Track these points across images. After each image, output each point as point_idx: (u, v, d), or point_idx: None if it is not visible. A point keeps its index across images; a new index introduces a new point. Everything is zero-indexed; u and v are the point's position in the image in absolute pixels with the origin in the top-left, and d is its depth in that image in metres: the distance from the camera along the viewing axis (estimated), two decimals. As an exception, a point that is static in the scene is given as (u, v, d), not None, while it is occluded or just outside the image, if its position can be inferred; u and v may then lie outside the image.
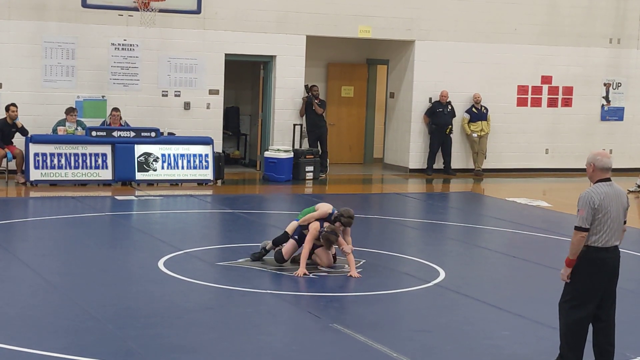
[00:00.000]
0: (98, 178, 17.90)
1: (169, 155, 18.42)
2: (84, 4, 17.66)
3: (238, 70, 21.35)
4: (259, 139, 21.17)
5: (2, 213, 14.67)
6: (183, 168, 18.52)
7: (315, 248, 11.45)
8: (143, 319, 8.99)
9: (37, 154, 17.57)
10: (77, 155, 17.81)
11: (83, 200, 16.21)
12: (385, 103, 22.82)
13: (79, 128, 18.16)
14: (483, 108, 21.93)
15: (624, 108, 23.55)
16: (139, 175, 18.17)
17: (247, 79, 22.05)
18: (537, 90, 22.65)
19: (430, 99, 21.66)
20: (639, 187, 19.49)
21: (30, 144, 17.57)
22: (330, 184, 19.89)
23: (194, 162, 18.60)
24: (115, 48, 19.19)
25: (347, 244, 11.27)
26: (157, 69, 19.53)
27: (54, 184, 17.65)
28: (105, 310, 9.20)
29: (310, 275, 10.99)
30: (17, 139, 18.01)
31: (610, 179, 7.61)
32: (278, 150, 19.65)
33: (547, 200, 18.26)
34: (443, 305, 10.02)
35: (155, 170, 18.32)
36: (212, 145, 18.82)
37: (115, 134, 18.07)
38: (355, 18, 20.83)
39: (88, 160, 17.88)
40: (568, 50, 22.74)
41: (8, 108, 17.85)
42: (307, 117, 20.65)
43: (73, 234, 13.46)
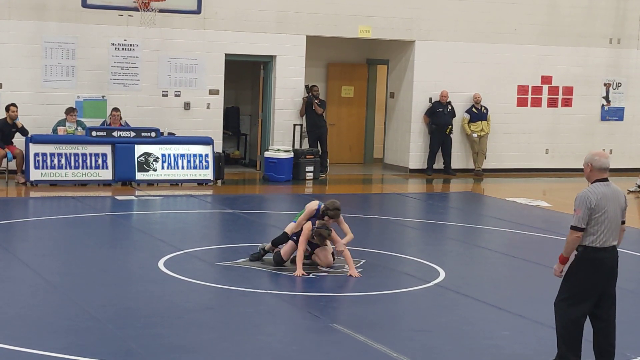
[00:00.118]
0: (98, 178, 17.91)
1: (169, 155, 18.43)
2: (84, 4, 17.66)
3: (238, 70, 21.35)
4: (259, 139, 21.17)
5: (2, 213, 14.67)
6: (183, 168, 18.52)
7: (315, 248, 11.45)
8: (143, 319, 8.99)
9: (37, 154, 17.57)
10: (77, 155, 17.81)
11: (83, 200, 16.21)
12: (386, 103, 22.81)
13: (79, 128, 18.16)
14: (483, 108, 21.92)
15: (624, 108, 23.55)
16: (139, 175, 18.17)
17: (247, 79, 22.04)
18: (537, 91, 22.65)
19: (431, 99, 21.66)
20: (639, 187, 19.50)
21: (31, 144, 17.57)
22: (330, 184, 19.89)
23: (194, 162, 18.60)
24: (116, 48, 19.19)
25: (340, 241, 11.23)
26: (157, 69, 19.53)
27: (54, 184, 17.65)
28: (105, 310, 9.20)
29: (310, 276, 10.99)
30: (17, 139, 18.02)
31: (608, 179, 7.60)
32: (278, 150, 19.65)
33: (547, 200, 18.26)
34: (443, 305, 10.02)
35: (156, 170, 18.32)
36: (212, 145, 18.82)
37: (116, 134, 18.07)
38: (355, 18, 20.83)
39: (88, 160, 17.88)
40: (568, 50, 22.74)
41: (8, 108, 17.85)
42: (307, 117, 20.65)
43: (73, 234, 13.47)
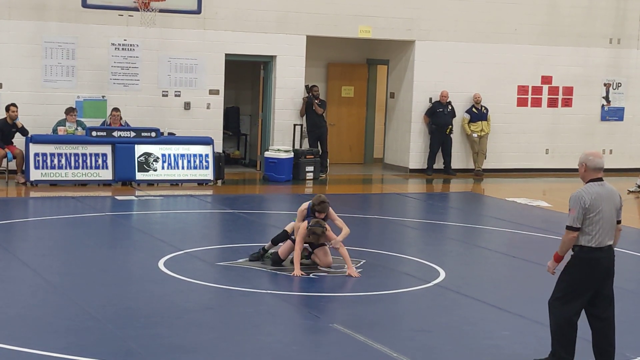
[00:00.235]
0: (98, 178, 17.91)
1: (169, 156, 18.43)
2: (84, 4, 17.66)
3: (238, 70, 21.35)
4: (259, 139, 21.17)
5: (2, 213, 14.67)
6: (183, 168, 18.52)
7: (315, 248, 11.45)
8: (143, 319, 8.99)
9: (37, 154, 17.57)
10: (77, 155, 17.81)
11: (83, 200, 16.21)
12: (386, 103, 22.81)
13: (79, 128, 18.16)
14: (483, 108, 21.92)
15: (624, 108, 23.55)
16: (139, 175, 18.17)
17: (247, 79, 22.04)
18: (537, 91, 22.65)
19: (431, 99, 21.66)
20: (639, 187, 19.50)
21: (31, 144, 17.57)
22: (331, 184, 19.88)
23: (194, 162, 18.60)
24: (116, 48, 19.19)
25: (335, 238, 11.22)
26: (157, 69, 19.53)
27: (54, 184, 17.65)
28: (105, 310, 9.20)
29: (310, 276, 10.99)
30: (17, 139, 18.02)
31: (603, 179, 7.61)
32: (278, 151, 19.65)
33: (547, 200, 18.26)
34: (443, 305, 10.02)
35: (156, 170, 18.32)
36: (212, 146, 18.82)
37: (116, 134, 18.07)
38: (356, 18, 20.83)
39: (88, 160, 17.88)
40: (568, 51, 22.74)
41: (8, 108, 17.85)
42: (307, 117, 20.65)
43: (73, 234, 13.46)
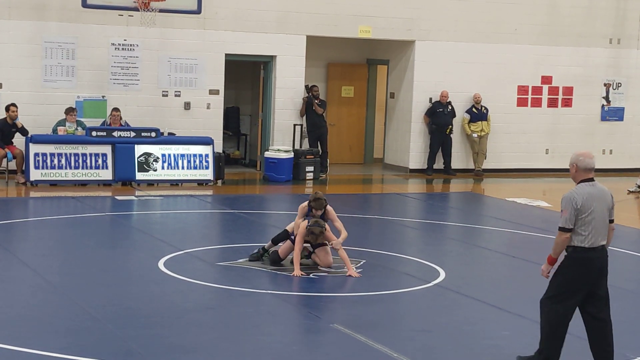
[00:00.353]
0: (98, 178, 17.90)
1: (169, 156, 18.42)
2: (84, 4, 17.66)
3: (238, 70, 21.34)
4: (259, 139, 21.17)
5: (2, 213, 14.67)
6: (183, 168, 18.51)
7: (316, 248, 11.45)
8: (143, 319, 8.99)
9: (37, 154, 17.57)
10: (77, 155, 17.81)
11: (83, 201, 16.21)
12: (386, 103, 22.81)
13: (79, 128, 18.16)
14: (483, 108, 21.92)
15: (624, 108, 23.54)
16: (139, 176, 18.17)
17: (247, 79, 22.04)
18: (537, 91, 22.64)
19: (431, 99, 21.66)
20: (639, 187, 19.50)
21: (31, 144, 17.57)
22: (331, 184, 19.88)
23: (194, 162, 18.60)
24: (116, 48, 19.19)
25: (334, 239, 11.21)
26: (157, 69, 19.53)
27: (54, 184, 17.65)
28: (105, 310, 9.20)
29: (310, 276, 10.99)
30: (17, 139, 18.02)
31: (594, 179, 7.64)
32: (278, 151, 19.65)
33: (547, 200, 18.26)
34: (443, 306, 10.02)
35: (156, 171, 18.32)
36: (212, 146, 18.82)
37: (116, 134, 18.07)
38: (356, 18, 20.83)
39: (88, 160, 17.88)
40: (568, 51, 22.73)
41: (8, 108, 17.85)
42: (307, 117, 20.65)
43: (73, 234, 13.46)
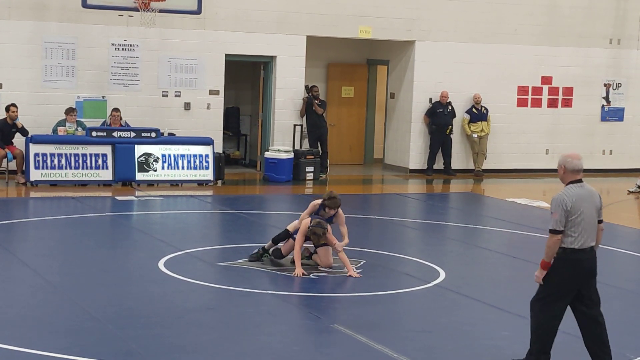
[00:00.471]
0: (98, 178, 17.90)
1: (169, 156, 18.43)
2: (84, 4, 17.67)
3: (238, 71, 21.35)
4: (259, 140, 21.17)
5: (2, 213, 14.67)
6: (183, 168, 18.52)
7: (317, 247, 11.45)
8: (143, 319, 8.99)
9: (37, 154, 17.57)
10: (77, 156, 17.81)
11: (83, 201, 16.21)
12: (386, 103, 22.81)
13: (79, 128, 18.16)
14: (483, 108, 21.92)
15: (624, 108, 23.55)
16: (139, 176, 18.17)
17: (247, 80, 22.04)
18: (537, 91, 22.65)
19: (431, 100, 21.66)
20: (639, 187, 19.50)
21: (31, 144, 17.57)
22: (331, 185, 19.86)
23: (194, 162, 18.60)
24: (116, 48, 19.19)
25: (335, 242, 11.21)
26: (157, 69, 19.53)
27: (54, 184, 17.65)
28: (106, 311, 9.20)
29: (311, 276, 10.99)
30: (17, 139, 18.02)
31: (582, 180, 7.65)
32: (278, 151, 19.65)
33: (547, 201, 18.22)
34: (443, 306, 10.02)
35: (156, 171, 18.32)
36: (212, 146, 18.82)
37: (116, 135, 18.07)
38: (356, 18, 20.83)
39: (88, 161, 17.88)
40: (568, 51, 22.74)
41: (8, 108, 17.85)
42: (307, 117, 20.65)
43: (73, 234, 13.46)
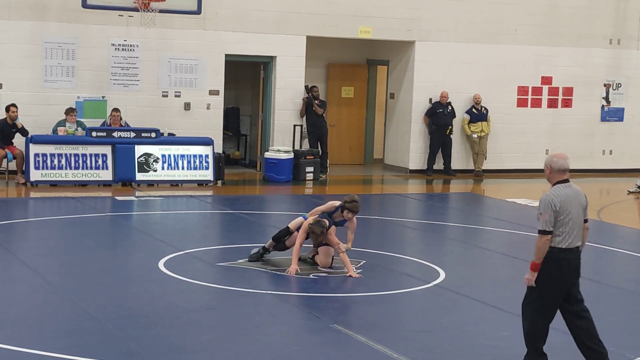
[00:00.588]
0: (98, 178, 17.90)
1: (169, 156, 18.43)
2: (84, 5, 17.67)
3: (238, 71, 21.35)
4: (259, 140, 21.17)
5: (2, 213, 14.67)
6: (183, 169, 18.52)
7: (319, 246, 11.45)
8: (143, 320, 8.99)
9: (37, 155, 17.57)
10: (77, 156, 17.81)
11: (83, 201, 16.21)
12: (386, 103, 22.81)
13: (79, 128, 18.16)
14: (483, 109, 21.93)
15: (624, 109, 23.55)
16: (139, 176, 18.17)
17: (247, 80, 22.04)
18: (537, 91, 22.65)
19: (431, 100, 21.66)
20: (639, 187, 19.50)
21: (31, 145, 17.57)
22: (331, 185, 19.88)
23: (194, 162, 18.60)
24: (116, 48, 19.19)
25: (339, 243, 11.20)
26: (157, 70, 19.53)
27: (54, 185, 17.65)
28: (106, 311, 9.20)
29: (310, 276, 10.99)
30: (17, 140, 18.02)
31: (569, 180, 7.66)
32: (278, 151, 19.65)
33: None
34: (443, 306, 10.02)
35: (156, 171, 18.32)
36: (212, 146, 18.82)
37: (116, 135, 18.07)
38: (356, 18, 20.83)
39: (88, 161, 17.88)
40: (568, 51, 22.74)
41: (8, 108, 17.85)
42: (307, 117, 20.65)
43: (73, 234, 13.46)
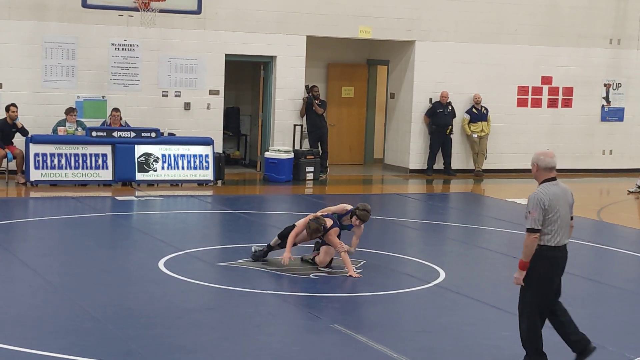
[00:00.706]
0: (98, 178, 17.91)
1: (169, 156, 18.43)
2: (84, 4, 17.67)
3: (238, 71, 21.35)
4: (259, 140, 21.17)
5: (2, 213, 14.67)
6: (183, 168, 18.52)
7: (321, 246, 11.45)
8: (143, 320, 8.99)
9: (37, 154, 17.57)
10: (77, 156, 17.81)
11: (83, 201, 16.21)
12: (386, 103, 22.81)
13: (79, 128, 18.16)
14: (483, 108, 21.93)
15: (624, 109, 23.55)
16: (139, 176, 18.17)
17: (247, 80, 22.04)
18: (537, 91, 22.65)
19: (431, 100, 21.66)
20: (639, 187, 19.50)
21: (31, 144, 17.57)
22: (331, 185, 19.88)
23: (194, 162, 18.60)
24: (116, 48, 19.19)
25: (341, 243, 11.21)
26: (157, 69, 19.53)
27: (54, 184, 17.65)
28: (106, 311, 9.20)
29: (310, 276, 10.99)
30: (17, 139, 18.02)
31: (556, 178, 7.67)
32: (278, 151, 19.65)
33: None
34: (443, 306, 10.03)
35: (156, 171, 18.32)
36: (212, 146, 18.82)
37: (116, 135, 18.07)
38: (356, 18, 20.83)
39: (88, 161, 17.88)
40: (568, 51, 22.74)
41: (8, 108, 17.86)
42: (307, 117, 20.65)
43: (73, 234, 13.46)
